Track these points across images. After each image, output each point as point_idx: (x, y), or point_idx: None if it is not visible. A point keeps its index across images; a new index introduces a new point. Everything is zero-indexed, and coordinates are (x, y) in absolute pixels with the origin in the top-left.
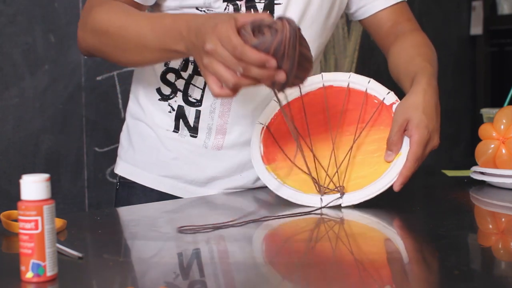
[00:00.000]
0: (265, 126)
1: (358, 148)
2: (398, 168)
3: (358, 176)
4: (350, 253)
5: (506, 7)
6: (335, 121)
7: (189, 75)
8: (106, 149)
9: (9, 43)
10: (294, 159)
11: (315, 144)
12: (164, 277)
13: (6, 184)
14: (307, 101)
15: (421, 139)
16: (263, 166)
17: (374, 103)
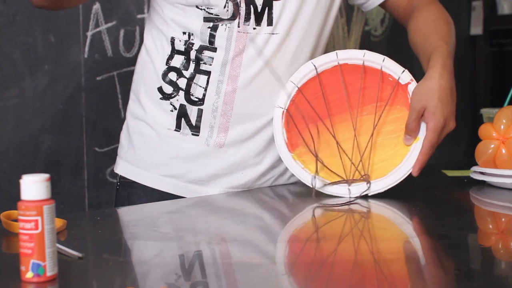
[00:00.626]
0: (284, 109)
1: (378, 129)
2: (416, 153)
3: (380, 159)
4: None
5: (506, 7)
6: (353, 100)
7: (191, 74)
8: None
9: (9, 43)
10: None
11: (335, 125)
12: (164, 277)
13: (6, 184)
14: (323, 79)
15: (436, 126)
16: (289, 155)
17: (389, 81)
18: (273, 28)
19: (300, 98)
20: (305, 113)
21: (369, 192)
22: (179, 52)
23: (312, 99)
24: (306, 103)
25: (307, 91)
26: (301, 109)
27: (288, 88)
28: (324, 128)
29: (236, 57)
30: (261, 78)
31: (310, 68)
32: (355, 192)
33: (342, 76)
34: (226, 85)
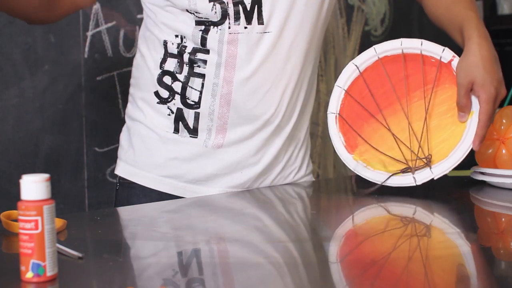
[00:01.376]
0: (337, 114)
1: (430, 113)
2: (474, 128)
3: (439, 142)
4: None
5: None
6: (399, 90)
7: (185, 77)
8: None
9: (9, 43)
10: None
11: (387, 118)
12: (164, 277)
13: (6, 184)
14: (366, 77)
15: (489, 97)
16: (350, 157)
17: (432, 63)
18: (265, 26)
19: (349, 100)
20: (356, 114)
21: (434, 176)
22: (172, 55)
23: (360, 98)
24: (355, 104)
25: (354, 92)
26: (352, 110)
27: (336, 92)
28: (377, 124)
29: (229, 59)
30: (256, 79)
31: (352, 69)
32: (420, 179)
33: (384, 69)
34: (221, 88)
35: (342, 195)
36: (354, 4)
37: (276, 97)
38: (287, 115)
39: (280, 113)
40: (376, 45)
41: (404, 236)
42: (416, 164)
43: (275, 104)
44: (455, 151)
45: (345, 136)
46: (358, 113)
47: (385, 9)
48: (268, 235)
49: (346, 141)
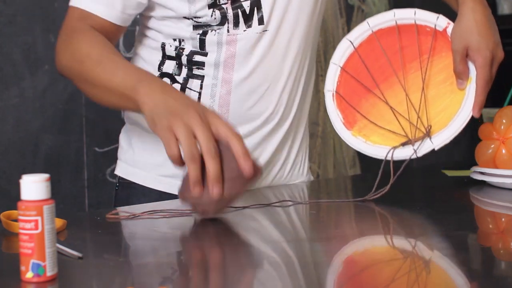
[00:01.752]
0: (334, 91)
1: (428, 83)
2: (472, 94)
3: (438, 111)
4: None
5: (506, 7)
6: (395, 63)
7: (184, 79)
8: (106, 149)
9: (9, 43)
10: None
11: (384, 92)
12: (164, 277)
13: (6, 184)
14: (361, 52)
15: (485, 61)
16: (349, 133)
17: (427, 32)
18: (264, 26)
19: (345, 77)
20: (353, 90)
21: (435, 146)
22: (170, 58)
23: (356, 74)
24: (352, 80)
25: (349, 68)
26: (348, 86)
27: (331, 70)
28: (375, 99)
29: (228, 60)
30: (255, 78)
31: (346, 45)
32: (421, 150)
33: (379, 42)
34: (220, 88)
35: (342, 195)
36: (354, 4)
37: (275, 96)
38: (285, 112)
39: (279, 111)
40: (369, 18)
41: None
42: (415, 136)
43: (274, 102)
44: (455, 120)
45: (343, 113)
46: (355, 89)
47: (385, 9)
48: (267, 235)
49: (344, 118)
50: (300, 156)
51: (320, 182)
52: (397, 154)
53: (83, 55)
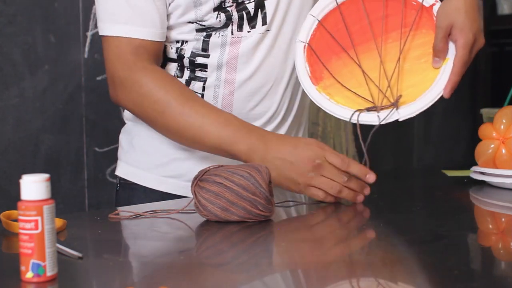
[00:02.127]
0: (306, 44)
1: (404, 56)
2: (447, 74)
3: (408, 85)
4: (349, 253)
5: (506, 7)
6: (376, 29)
7: (186, 81)
8: (106, 149)
9: (9, 43)
10: (340, 74)
11: (359, 55)
12: (164, 277)
13: (6, 184)
14: (343, 9)
15: (466, 42)
16: (314, 88)
17: (413, 5)
18: (267, 26)
19: (321, 31)
20: (328, 46)
21: (399, 117)
22: (171, 60)
23: (334, 31)
24: (327, 36)
25: (328, 24)
26: (323, 41)
27: (308, 22)
28: (348, 59)
29: (230, 61)
30: (257, 78)
31: (329, 0)
32: (385, 119)
33: (363, 4)
34: (223, 89)
35: None
36: None
37: (277, 95)
38: (287, 112)
39: (281, 111)
40: None
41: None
42: (382, 103)
43: (277, 102)
44: (425, 95)
45: (311, 68)
46: (329, 46)
47: None
48: (267, 235)
49: (311, 72)
50: None
51: None
52: (361, 118)
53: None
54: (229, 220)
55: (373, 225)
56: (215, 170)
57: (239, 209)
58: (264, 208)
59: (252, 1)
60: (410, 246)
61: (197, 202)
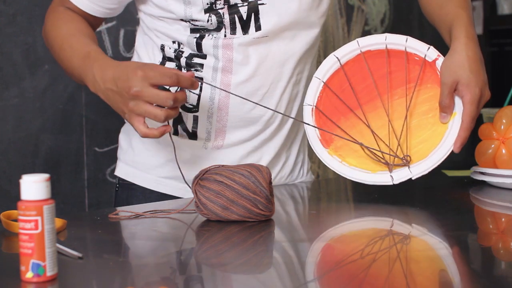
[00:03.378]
0: (313, 106)
1: (411, 112)
2: (456, 129)
3: (418, 141)
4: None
5: (506, 7)
6: (380, 87)
7: None
8: (106, 149)
9: (9, 43)
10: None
11: (366, 114)
12: (164, 277)
13: (6, 184)
14: (347, 70)
15: (473, 98)
16: (325, 151)
17: (416, 61)
18: (262, 32)
19: (327, 93)
20: (335, 107)
21: (412, 176)
22: (170, 59)
23: (339, 92)
24: (334, 97)
25: (333, 85)
26: (329, 103)
27: (314, 84)
28: (356, 119)
29: (226, 63)
30: (253, 82)
31: (333, 61)
32: (398, 178)
33: (366, 63)
34: (219, 91)
35: (342, 195)
36: (354, 4)
37: (274, 99)
38: (285, 117)
39: (278, 115)
40: (360, 38)
41: (404, 236)
42: (394, 163)
43: (273, 106)
44: (435, 152)
45: (321, 132)
46: (336, 107)
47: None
48: (267, 235)
49: (321, 134)
50: (300, 157)
51: (320, 182)
52: (373, 179)
53: (52, 38)
54: (230, 219)
55: (373, 225)
56: (216, 169)
57: (239, 208)
58: (265, 207)
59: (245, 5)
60: (410, 246)
61: (198, 201)
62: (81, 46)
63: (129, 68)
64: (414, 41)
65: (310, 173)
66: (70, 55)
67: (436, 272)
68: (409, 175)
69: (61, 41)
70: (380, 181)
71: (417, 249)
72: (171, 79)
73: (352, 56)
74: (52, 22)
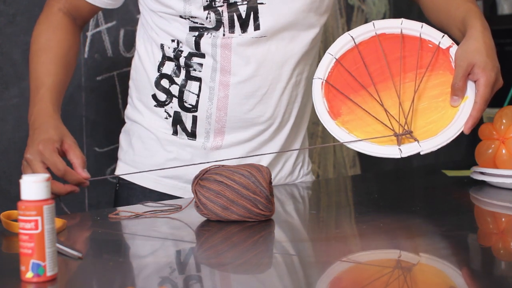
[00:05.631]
0: (324, 80)
1: (421, 95)
2: (467, 112)
3: (427, 122)
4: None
5: (506, 7)
6: (393, 69)
7: (183, 81)
8: (106, 149)
9: (9, 43)
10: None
11: (378, 93)
12: (164, 277)
13: (6, 184)
14: (361, 49)
15: (489, 81)
16: (333, 122)
17: (429, 48)
18: (261, 32)
19: (339, 69)
20: (346, 83)
21: (421, 150)
22: (169, 59)
23: (352, 70)
24: (345, 74)
25: (346, 62)
26: (341, 79)
27: (326, 60)
28: (366, 96)
29: (224, 63)
30: (253, 82)
31: (347, 39)
32: (406, 151)
33: (381, 45)
34: (218, 91)
35: (342, 195)
36: (354, 4)
37: (273, 100)
38: (285, 117)
39: (278, 115)
40: (376, 21)
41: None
42: (402, 139)
43: (272, 106)
44: (445, 131)
45: (329, 103)
46: (347, 83)
47: (385, 9)
48: (267, 235)
49: (330, 107)
50: (300, 157)
51: (320, 182)
52: (381, 151)
53: (31, 42)
54: (230, 219)
55: (373, 225)
56: (216, 169)
57: (239, 208)
58: (265, 207)
59: (245, 4)
60: (410, 246)
61: (198, 201)
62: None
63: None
64: (429, 28)
65: (311, 173)
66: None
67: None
68: (418, 149)
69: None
70: (388, 153)
71: (416, 249)
72: (59, 172)
73: (367, 37)
74: (38, 26)
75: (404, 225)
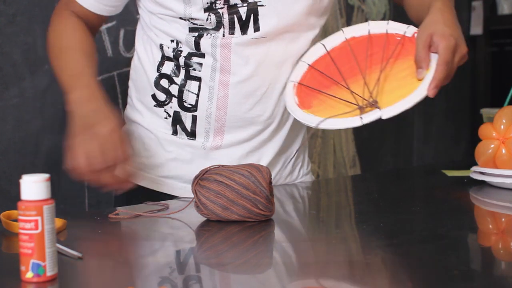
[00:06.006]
0: (296, 83)
1: (387, 78)
2: (430, 77)
3: (394, 97)
4: (349, 253)
5: (506, 7)
6: (362, 65)
7: (182, 80)
8: None
9: (9, 43)
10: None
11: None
12: (164, 277)
13: (6, 184)
14: (333, 56)
15: (448, 44)
16: (301, 110)
17: (397, 40)
18: (261, 32)
19: (312, 72)
20: (318, 82)
21: (382, 115)
22: (169, 59)
23: (324, 71)
24: (317, 75)
25: (318, 67)
26: (313, 80)
27: (299, 66)
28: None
29: (224, 63)
30: (252, 82)
31: (319, 47)
32: (368, 119)
33: (350, 47)
34: (217, 91)
35: (342, 195)
36: (354, 4)
37: (273, 99)
38: (285, 116)
39: (277, 115)
40: (345, 28)
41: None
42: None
43: (272, 106)
44: (409, 97)
45: (300, 99)
46: (319, 82)
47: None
48: (267, 235)
49: (299, 101)
50: (300, 157)
51: (320, 182)
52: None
53: (51, 45)
54: (230, 219)
55: (373, 225)
56: (216, 169)
57: (239, 208)
58: (265, 207)
59: (245, 6)
60: (410, 246)
61: (198, 201)
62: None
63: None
64: (395, 23)
65: (310, 173)
66: (62, 68)
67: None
68: (378, 114)
69: (59, 51)
70: (350, 123)
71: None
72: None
73: (338, 43)
74: (54, 28)
75: (404, 225)
